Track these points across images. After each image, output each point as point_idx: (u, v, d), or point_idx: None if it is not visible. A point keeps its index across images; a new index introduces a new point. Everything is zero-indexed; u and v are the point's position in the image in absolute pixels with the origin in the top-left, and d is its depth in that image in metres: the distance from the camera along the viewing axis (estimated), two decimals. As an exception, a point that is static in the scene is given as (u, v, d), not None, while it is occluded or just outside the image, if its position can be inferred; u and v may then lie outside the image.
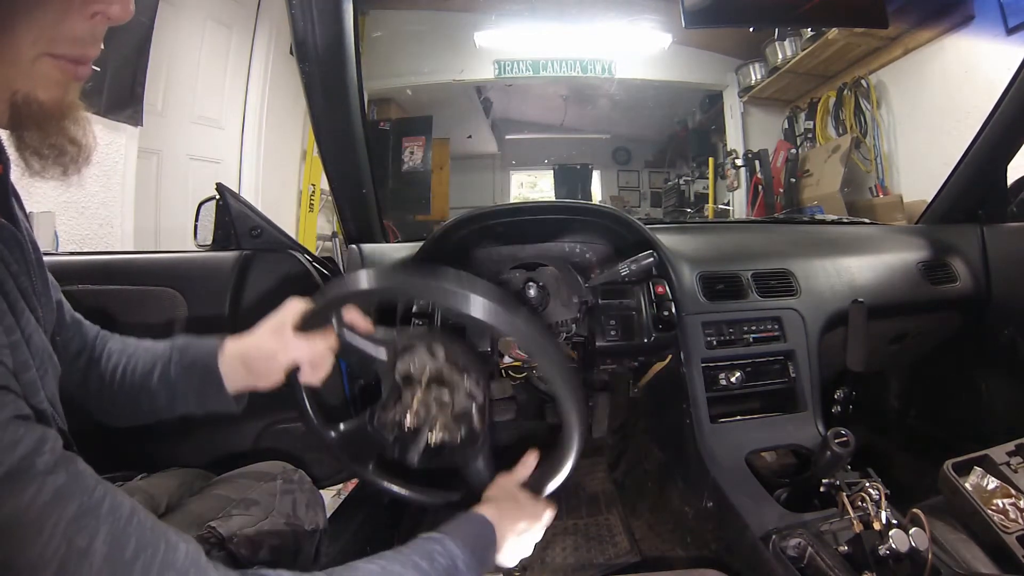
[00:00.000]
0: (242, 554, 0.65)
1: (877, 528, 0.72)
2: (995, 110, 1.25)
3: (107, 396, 0.66)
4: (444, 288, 0.51)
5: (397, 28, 3.94)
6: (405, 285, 0.57)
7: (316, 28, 0.90)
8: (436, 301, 0.54)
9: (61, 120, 0.44)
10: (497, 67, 4.07)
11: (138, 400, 0.66)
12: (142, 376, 0.66)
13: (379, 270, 0.59)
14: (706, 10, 1.04)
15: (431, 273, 0.52)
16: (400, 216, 4.35)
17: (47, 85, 0.42)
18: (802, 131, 3.88)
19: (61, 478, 0.37)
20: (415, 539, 0.54)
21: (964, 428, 1.41)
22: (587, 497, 1.57)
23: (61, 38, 0.42)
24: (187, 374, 0.66)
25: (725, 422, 1.05)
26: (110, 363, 0.67)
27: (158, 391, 0.66)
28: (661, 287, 1.08)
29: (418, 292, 0.58)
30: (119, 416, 0.68)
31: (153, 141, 2.41)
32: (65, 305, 0.65)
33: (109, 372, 0.66)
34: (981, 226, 1.38)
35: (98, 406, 0.67)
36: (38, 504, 0.35)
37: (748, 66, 4.13)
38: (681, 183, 5.52)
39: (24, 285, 0.47)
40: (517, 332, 0.52)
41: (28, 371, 0.43)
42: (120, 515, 0.39)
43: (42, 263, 0.55)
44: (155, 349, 0.68)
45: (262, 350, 0.66)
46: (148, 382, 0.66)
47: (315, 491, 0.79)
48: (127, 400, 0.67)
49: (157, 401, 0.66)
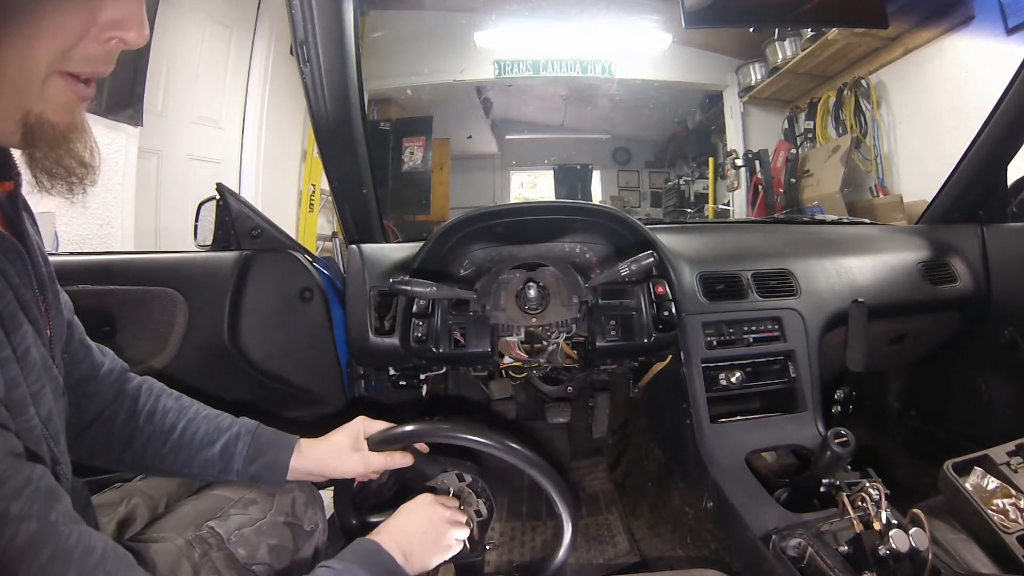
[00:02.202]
0: (240, 554, 0.65)
1: (877, 528, 0.71)
2: (995, 110, 1.25)
3: (140, 444, 0.67)
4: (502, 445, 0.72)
5: (397, 28, 3.94)
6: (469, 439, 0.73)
7: (316, 28, 0.90)
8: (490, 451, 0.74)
9: (71, 143, 0.45)
10: (497, 67, 4.07)
11: (187, 462, 0.68)
12: (204, 441, 0.68)
13: (454, 426, 0.76)
14: (706, 10, 1.04)
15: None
16: (400, 216, 4.36)
17: (57, 108, 0.43)
18: (802, 131, 3.88)
19: (34, 524, 0.38)
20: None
21: (964, 428, 1.41)
22: (587, 497, 1.57)
23: (76, 57, 0.42)
24: (255, 455, 0.69)
25: (725, 422, 1.05)
26: (166, 419, 0.68)
27: (214, 460, 0.67)
28: (661, 287, 1.08)
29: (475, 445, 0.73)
30: (144, 466, 0.69)
31: (153, 141, 2.41)
32: (77, 328, 0.65)
33: (164, 427, 0.67)
34: (981, 226, 1.38)
35: (103, 445, 0.67)
36: (12, 550, 0.37)
37: (748, 66, 4.13)
38: (681, 183, 5.51)
39: (25, 297, 0.48)
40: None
41: (18, 388, 0.44)
42: (91, 559, 0.41)
43: (53, 279, 0.55)
44: (219, 422, 0.70)
45: (342, 467, 0.73)
46: (209, 448, 0.67)
47: (314, 490, 0.79)
48: (173, 457, 0.67)
49: (208, 468, 0.68)
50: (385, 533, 0.64)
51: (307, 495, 0.77)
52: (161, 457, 0.67)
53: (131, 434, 0.66)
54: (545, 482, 0.73)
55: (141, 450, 0.67)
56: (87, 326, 0.67)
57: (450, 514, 0.71)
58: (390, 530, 0.65)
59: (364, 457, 0.74)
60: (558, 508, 0.75)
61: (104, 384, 0.67)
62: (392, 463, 0.75)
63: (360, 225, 1.19)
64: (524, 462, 0.73)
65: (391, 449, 0.76)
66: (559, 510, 0.75)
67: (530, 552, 1.35)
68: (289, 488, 0.74)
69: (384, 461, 0.75)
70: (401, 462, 0.76)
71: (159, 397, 0.70)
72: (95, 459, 0.67)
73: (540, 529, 1.43)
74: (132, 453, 0.67)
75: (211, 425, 0.69)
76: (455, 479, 0.81)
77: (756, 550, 0.80)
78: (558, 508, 0.75)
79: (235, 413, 0.72)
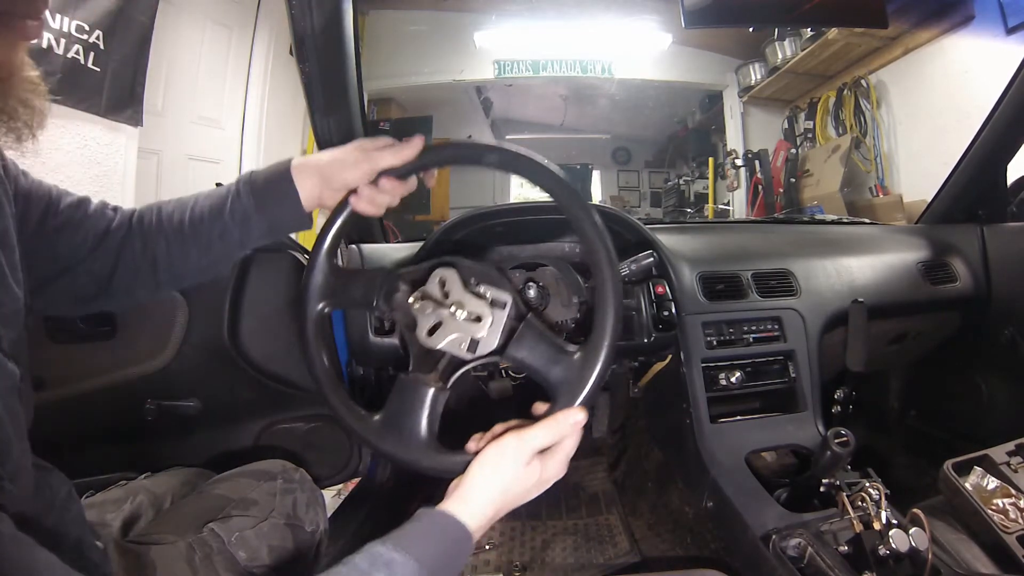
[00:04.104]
0: (241, 556, 0.65)
1: (877, 528, 0.71)
2: (995, 110, 1.25)
3: (164, 261, 0.62)
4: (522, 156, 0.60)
5: (397, 28, 3.94)
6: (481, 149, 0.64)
7: (316, 28, 0.90)
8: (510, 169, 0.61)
9: (9, 82, 0.42)
10: (497, 67, 4.07)
11: (208, 244, 0.62)
12: (212, 213, 0.62)
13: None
14: (706, 10, 1.04)
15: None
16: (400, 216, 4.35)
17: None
18: (802, 131, 3.88)
19: None
20: (356, 554, 0.44)
21: (964, 428, 1.41)
22: (587, 497, 1.57)
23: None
24: (261, 193, 0.62)
25: (725, 422, 1.05)
26: (173, 219, 0.62)
27: (230, 226, 0.61)
28: (661, 287, 1.08)
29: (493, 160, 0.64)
30: (179, 274, 0.64)
31: (153, 141, 2.40)
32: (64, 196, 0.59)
33: (172, 226, 0.62)
34: (981, 226, 1.37)
35: (148, 278, 0.62)
36: None
37: (748, 66, 4.13)
38: (681, 183, 5.51)
39: None
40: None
41: None
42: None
43: (13, 247, 0.49)
44: (216, 190, 0.64)
45: (346, 158, 0.63)
46: (219, 218, 0.61)
47: (316, 490, 0.79)
48: (195, 249, 0.62)
49: (229, 237, 0.62)
50: (464, 503, 0.48)
51: (308, 495, 0.77)
52: (185, 257, 0.62)
53: (153, 257, 0.62)
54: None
55: (167, 265, 0.62)
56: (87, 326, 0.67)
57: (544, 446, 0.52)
58: (471, 498, 0.49)
59: (369, 154, 0.63)
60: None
61: (116, 236, 0.61)
62: (393, 180, 0.64)
63: (360, 225, 1.19)
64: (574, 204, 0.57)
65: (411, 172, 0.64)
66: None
67: (530, 552, 1.35)
68: (291, 488, 0.74)
69: (389, 158, 0.63)
70: (398, 187, 0.65)
71: (160, 209, 0.64)
72: (136, 294, 0.64)
73: (540, 529, 1.43)
74: (161, 273, 0.63)
75: (211, 197, 0.63)
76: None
77: (756, 550, 0.80)
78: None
79: (235, 413, 0.72)
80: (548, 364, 0.58)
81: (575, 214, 0.58)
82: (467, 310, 0.59)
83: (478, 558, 1.33)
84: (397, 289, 0.63)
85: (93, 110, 1.95)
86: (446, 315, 0.59)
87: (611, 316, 0.57)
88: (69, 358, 0.92)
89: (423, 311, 0.60)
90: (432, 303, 0.60)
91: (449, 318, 0.59)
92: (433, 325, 0.59)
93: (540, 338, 0.59)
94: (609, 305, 0.57)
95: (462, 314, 0.59)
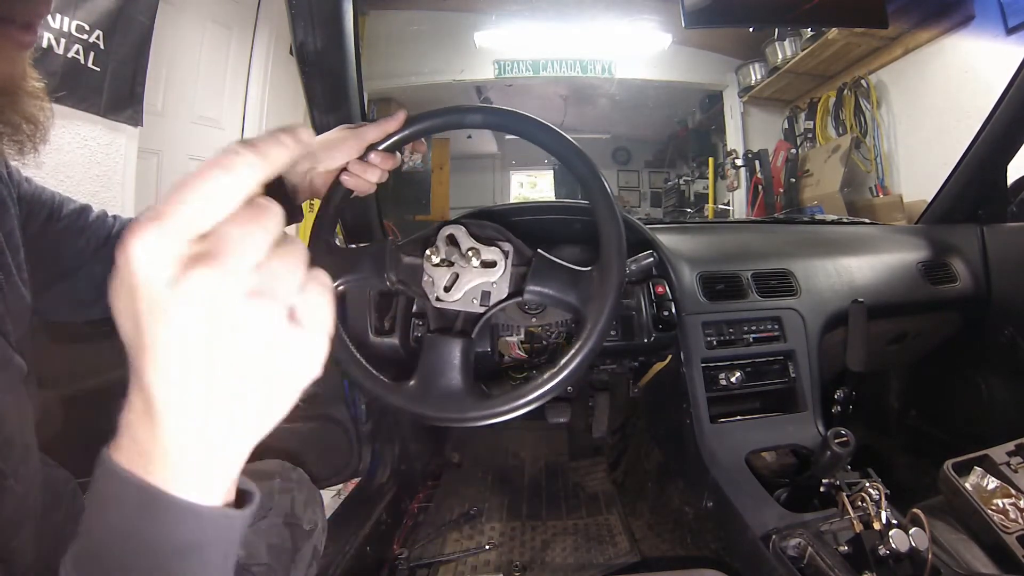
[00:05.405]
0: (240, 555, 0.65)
1: (877, 528, 0.71)
2: (995, 110, 1.25)
3: None
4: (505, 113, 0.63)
5: (397, 28, 3.94)
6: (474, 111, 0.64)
7: (316, 28, 0.90)
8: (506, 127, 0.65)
9: (14, 96, 0.41)
10: (497, 67, 4.07)
11: None
12: None
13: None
14: (706, 10, 1.03)
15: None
16: (400, 216, 4.35)
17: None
18: (802, 131, 3.88)
19: None
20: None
21: (964, 428, 1.41)
22: (587, 497, 1.57)
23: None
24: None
25: (725, 422, 1.05)
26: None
27: None
28: (661, 287, 1.08)
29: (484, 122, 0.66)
30: None
31: (153, 141, 2.40)
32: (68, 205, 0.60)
33: None
34: (981, 226, 1.37)
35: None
36: None
37: (748, 66, 4.13)
38: (681, 183, 5.51)
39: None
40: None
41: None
42: None
43: (17, 248, 0.49)
44: None
45: (333, 138, 0.63)
46: None
47: (314, 490, 0.79)
48: None
49: None
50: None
51: (306, 495, 0.76)
52: None
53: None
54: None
55: None
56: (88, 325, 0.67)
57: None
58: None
59: (357, 132, 0.63)
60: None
61: (116, 243, 0.61)
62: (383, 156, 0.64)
63: (360, 225, 1.19)
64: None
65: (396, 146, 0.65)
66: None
67: (530, 552, 1.35)
68: (288, 487, 0.74)
69: (378, 131, 0.63)
70: (386, 161, 0.65)
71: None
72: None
73: (540, 529, 1.43)
74: None
75: None
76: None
77: (756, 550, 0.80)
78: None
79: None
80: (567, 288, 0.60)
81: (556, 150, 0.63)
82: (481, 257, 0.62)
83: (478, 558, 1.33)
84: (408, 254, 0.65)
85: (93, 110, 1.95)
86: (461, 265, 0.62)
87: (615, 229, 0.60)
88: (71, 357, 0.92)
89: (438, 268, 0.62)
90: (446, 255, 0.63)
91: (465, 268, 0.62)
92: (449, 280, 0.61)
93: (554, 267, 0.61)
94: (611, 220, 0.60)
95: (476, 261, 0.61)
